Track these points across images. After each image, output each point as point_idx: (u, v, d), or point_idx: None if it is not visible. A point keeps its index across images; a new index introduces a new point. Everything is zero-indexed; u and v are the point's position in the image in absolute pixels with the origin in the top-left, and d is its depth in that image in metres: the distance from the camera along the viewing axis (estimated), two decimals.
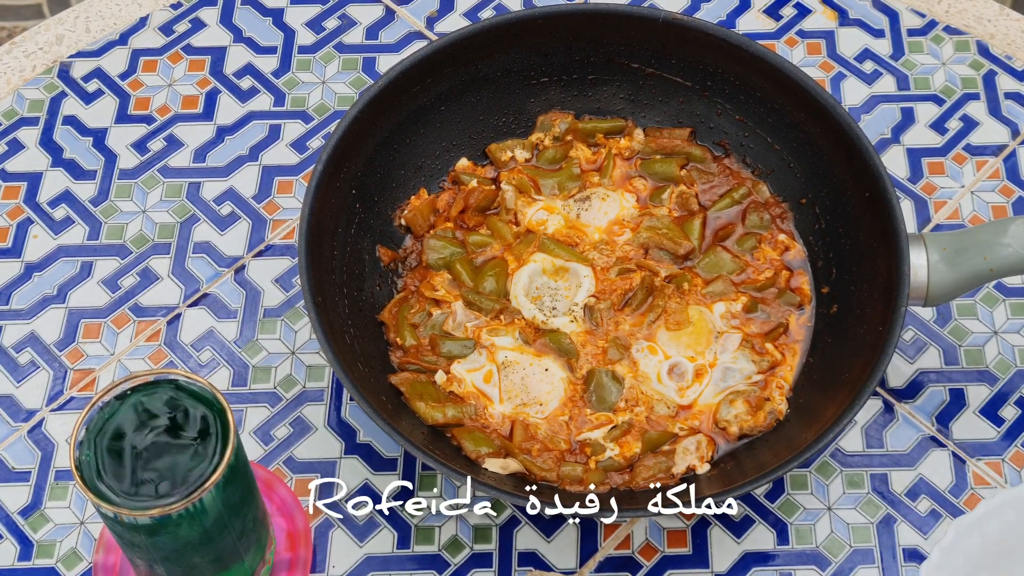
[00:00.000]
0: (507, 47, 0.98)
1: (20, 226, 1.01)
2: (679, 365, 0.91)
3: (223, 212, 1.02)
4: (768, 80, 0.95)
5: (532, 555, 0.87)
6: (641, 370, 0.91)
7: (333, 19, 1.13)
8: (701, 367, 0.91)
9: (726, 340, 0.92)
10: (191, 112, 1.07)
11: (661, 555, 0.88)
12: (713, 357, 0.91)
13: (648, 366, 0.91)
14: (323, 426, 0.92)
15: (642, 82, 1.00)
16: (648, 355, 0.91)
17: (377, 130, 0.95)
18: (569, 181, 0.99)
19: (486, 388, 0.90)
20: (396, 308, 0.93)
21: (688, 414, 0.90)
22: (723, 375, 0.91)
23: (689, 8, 1.13)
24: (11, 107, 1.07)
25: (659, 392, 0.90)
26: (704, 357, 0.91)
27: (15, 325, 0.97)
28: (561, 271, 0.94)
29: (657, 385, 0.90)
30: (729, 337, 0.92)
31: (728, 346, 0.92)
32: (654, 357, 0.91)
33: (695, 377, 0.91)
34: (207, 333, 0.96)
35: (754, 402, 0.90)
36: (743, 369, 0.91)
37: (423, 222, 0.97)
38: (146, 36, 1.12)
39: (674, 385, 0.90)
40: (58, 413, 0.93)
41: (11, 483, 0.90)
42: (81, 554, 0.88)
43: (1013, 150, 1.05)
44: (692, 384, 0.90)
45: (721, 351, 0.92)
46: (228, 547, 0.77)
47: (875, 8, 1.13)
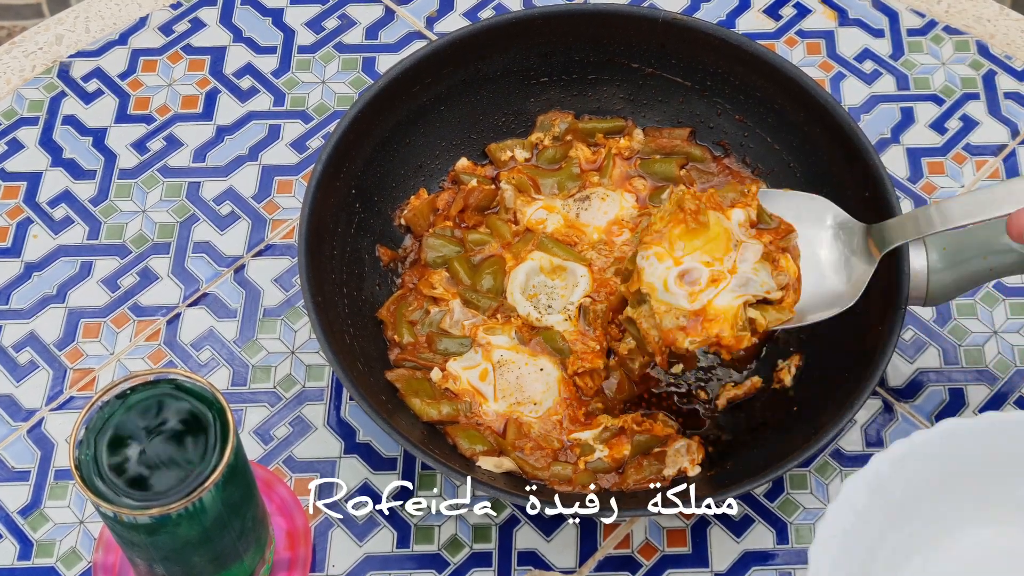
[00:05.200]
0: (507, 47, 0.98)
1: (20, 226, 1.01)
2: (692, 271, 0.82)
3: (223, 212, 1.02)
4: (768, 80, 0.95)
5: (532, 554, 0.87)
6: (645, 280, 0.82)
7: (333, 19, 1.13)
8: (719, 273, 0.82)
9: (746, 249, 0.83)
10: (191, 112, 1.07)
11: (661, 554, 0.88)
12: (732, 264, 0.82)
13: (653, 274, 0.82)
14: (323, 425, 0.92)
15: (642, 82, 1.00)
16: (655, 262, 0.82)
17: (377, 130, 0.95)
18: (569, 181, 0.99)
19: (481, 386, 0.90)
20: (394, 306, 0.93)
21: (701, 322, 0.81)
22: (743, 283, 0.82)
23: (689, 8, 1.13)
24: (11, 107, 1.07)
25: (665, 302, 0.82)
26: (722, 264, 0.82)
27: (15, 325, 0.97)
28: (559, 270, 0.94)
29: (663, 295, 0.82)
30: (749, 246, 0.83)
31: (748, 256, 0.83)
32: (661, 264, 0.82)
33: (709, 282, 0.82)
34: (207, 333, 0.96)
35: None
36: (764, 282, 0.83)
37: (423, 222, 0.97)
38: (146, 36, 1.12)
39: (684, 292, 0.81)
40: (58, 413, 0.93)
41: (11, 483, 0.90)
42: (81, 553, 0.88)
43: (1013, 150, 1.05)
44: (706, 287, 0.82)
45: (741, 260, 0.83)
46: (228, 546, 0.77)
47: (875, 8, 1.13)
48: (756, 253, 0.83)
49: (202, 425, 0.72)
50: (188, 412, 0.72)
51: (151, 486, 0.70)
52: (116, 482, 0.70)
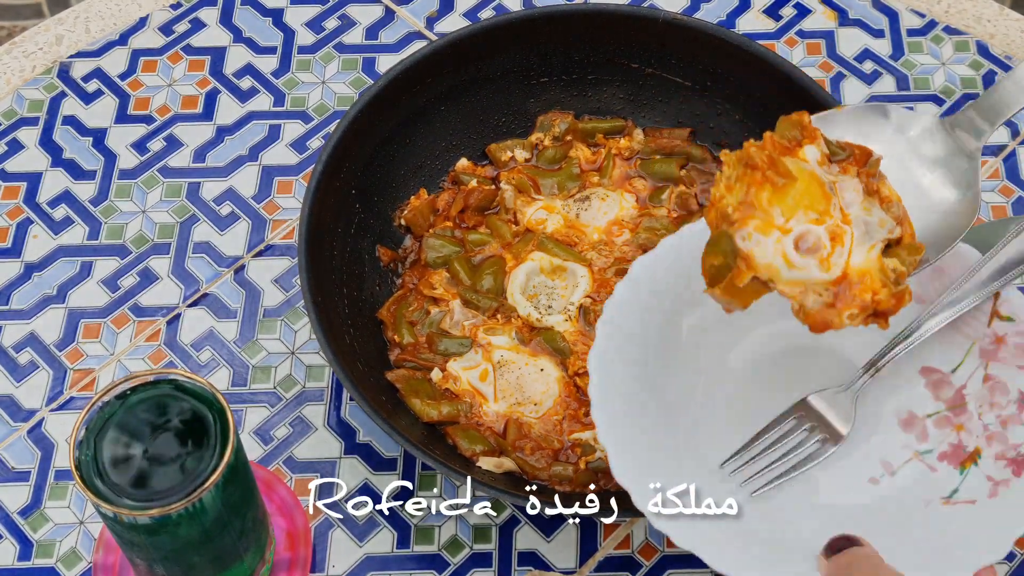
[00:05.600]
0: (507, 47, 0.98)
1: (20, 226, 1.01)
2: (806, 236, 0.68)
3: (223, 212, 1.02)
4: (768, 80, 0.95)
5: (532, 555, 0.87)
6: (760, 264, 0.68)
7: (333, 19, 1.13)
8: (835, 228, 0.68)
9: (843, 190, 0.70)
10: (191, 112, 1.07)
11: (661, 555, 0.88)
12: (841, 213, 0.69)
13: (766, 253, 0.68)
14: (323, 426, 0.92)
15: (642, 82, 1.00)
16: (761, 239, 0.67)
17: (377, 130, 0.95)
18: (569, 181, 0.99)
19: (481, 386, 0.90)
20: (395, 306, 0.93)
21: (850, 291, 0.68)
22: (865, 230, 0.70)
23: (689, 8, 1.13)
24: (11, 107, 1.07)
25: (797, 281, 0.68)
26: (831, 216, 0.68)
27: (15, 325, 0.97)
28: (559, 270, 0.94)
29: (790, 273, 0.68)
30: (846, 184, 0.70)
31: (850, 197, 0.70)
32: (768, 238, 0.67)
33: (833, 241, 0.68)
34: (207, 333, 0.96)
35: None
36: (882, 221, 0.70)
37: (423, 222, 0.97)
38: (146, 36, 1.12)
39: (813, 261, 0.68)
40: (58, 413, 0.93)
41: (11, 483, 0.90)
42: (81, 554, 0.88)
43: (1013, 150, 1.05)
44: (833, 250, 0.68)
45: (848, 205, 0.70)
46: (228, 547, 0.77)
47: (875, 8, 1.13)
48: (858, 190, 0.70)
49: (202, 425, 0.72)
50: (188, 412, 0.72)
51: (151, 486, 0.70)
52: (116, 482, 0.70)
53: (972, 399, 0.80)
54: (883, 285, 0.69)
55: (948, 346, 0.81)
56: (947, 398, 0.81)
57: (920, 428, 0.80)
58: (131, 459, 0.71)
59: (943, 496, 0.77)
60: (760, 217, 0.67)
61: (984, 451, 0.78)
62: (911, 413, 0.81)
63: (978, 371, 0.80)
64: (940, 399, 0.81)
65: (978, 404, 0.79)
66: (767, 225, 0.67)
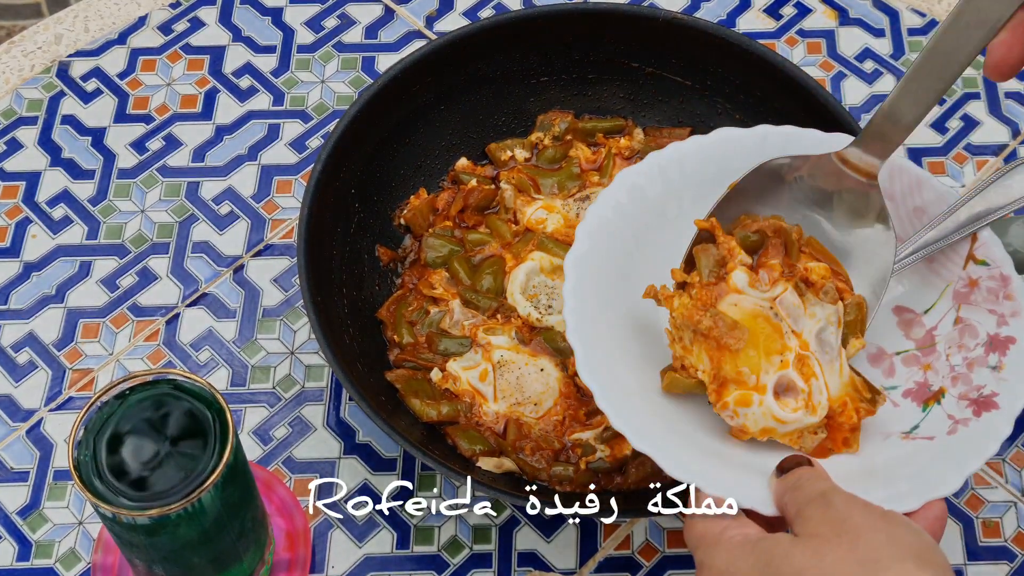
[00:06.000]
0: (507, 47, 0.98)
1: (19, 226, 1.01)
2: (780, 383, 0.73)
3: (222, 212, 1.02)
4: (768, 80, 0.95)
5: (532, 555, 0.87)
6: (754, 431, 0.74)
7: (332, 18, 1.13)
8: (800, 361, 0.74)
9: (782, 307, 0.74)
10: (190, 111, 1.07)
11: (661, 555, 0.87)
12: (795, 337, 0.73)
13: (757, 420, 0.74)
14: (322, 426, 0.92)
15: (642, 82, 1.00)
16: (745, 411, 0.74)
17: (377, 130, 0.95)
18: (569, 180, 0.99)
19: (481, 386, 0.90)
20: (394, 306, 0.93)
21: (836, 421, 0.75)
22: (820, 345, 0.74)
23: (689, 8, 1.13)
24: (10, 106, 1.07)
25: (793, 433, 0.75)
26: (788, 352, 0.73)
27: (13, 325, 0.97)
28: (559, 270, 0.94)
29: (785, 428, 0.74)
30: (781, 299, 0.74)
31: (789, 307, 0.73)
32: (753, 406, 0.73)
33: (805, 379, 0.74)
34: (206, 333, 0.96)
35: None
36: (828, 316, 0.75)
37: (422, 222, 0.97)
38: (145, 35, 1.11)
39: (798, 407, 0.73)
40: (56, 413, 0.93)
41: (10, 483, 0.90)
42: (80, 554, 0.87)
43: (1014, 150, 1.05)
44: (808, 388, 0.74)
45: (794, 321, 0.74)
46: (227, 547, 0.76)
47: (875, 7, 1.13)
48: (794, 297, 0.74)
49: (201, 425, 0.72)
50: (187, 412, 0.72)
51: (150, 487, 0.70)
52: (115, 483, 0.70)
53: (942, 340, 0.80)
54: (861, 400, 0.75)
55: (922, 287, 0.82)
56: (917, 337, 0.81)
57: (887, 364, 0.81)
58: (130, 459, 0.71)
59: (903, 431, 0.77)
60: (736, 388, 0.73)
61: (948, 391, 0.78)
62: (880, 349, 0.81)
63: (950, 313, 0.81)
64: (910, 338, 0.81)
65: (947, 345, 0.80)
66: (746, 396, 0.73)
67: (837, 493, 0.67)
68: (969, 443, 0.75)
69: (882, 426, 0.78)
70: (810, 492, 0.68)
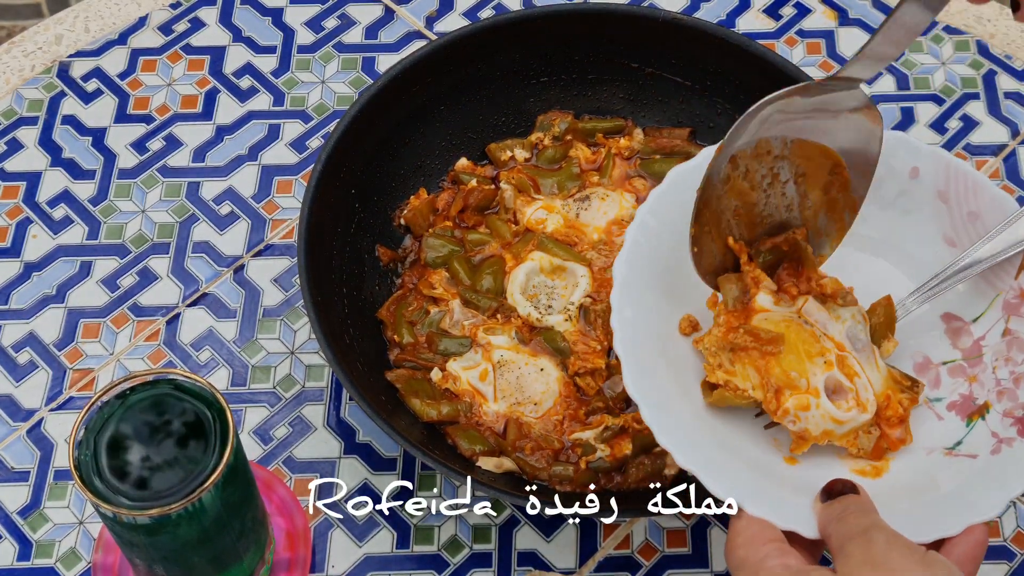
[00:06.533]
0: (507, 47, 0.98)
1: (19, 226, 1.01)
2: (828, 383, 0.75)
3: (222, 212, 1.02)
4: (768, 80, 0.94)
5: (532, 555, 0.87)
6: (814, 434, 0.75)
7: (332, 19, 1.13)
8: (840, 359, 0.75)
9: (809, 315, 0.76)
10: (190, 112, 1.07)
11: (661, 555, 0.87)
12: (832, 343, 0.75)
13: (816, 421, 0.75)
14: (322, 426, 0.92)
15: (642, 82, 1.00)
16: (804, 414, 0.74)
17: (377, 130, 0.95)
18: (568, 181, 0.99)
19: (481, 386, 0.90)
20: (394, 306, 0.93)
21: (885, 415, 0.76)
22: (853, 344, 0.76)
23: (689, 8, 1.13)
24: (10, 107, 1.07)
25: (850, 434, 0.75)
26: (827, 353, 0.75)
27: (14, 325, 0.97)
28: (559, 270, 0.94)
29: (843, 428, 0.75)
30: (805, 309, 0.76)
31: (816, 315, 0.75)
32: (811, 410, 0.74)
33: (849, 378, 0.75)
34: (206, 333, 0.96)
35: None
36: (853, 314, 0.77)
37: (422, 222, 0.97)
38: (145, 36, 1.11)
39: (852, 407, 0.75)
40: (57, 413, 0.93)
41: (10, 483, 0.90)
42: (80, 554, 0.87)
43: (1013, 150, 1.05)
44: (855, 386, 0.75)
45: (823, 326, 0.76)
46: (227, 547, 0.76)
47: (875, 8, 1.13)
48: (816, 307, 0.76)
49: (202, 425, 0.72)
50: (188, 412, 0.72)
51: (151, 486, 0.70)
52: (115, 482, 0.70)
53: (989, 351, 0.79)
54: (901, 391, 0.76)
55: (973, 295, 0.80)
56: (964, 347, 0.80)
57: (934, 375, 0.80)
58: (131, 459, 0.71)
59: (946, 447, 0.76)
60: (790, 392, 0.73)
61: (993, 406, 0.77)
62: (927, 358, 0.80)
63: (999, 324, 0.79)
64: (957, 347, 0.80)
65: (994, 357, 0.78)
66: (803, 401, 0.73)
67: (880, 531, 0.66)
68: (1013, 465, 0.74)
69: (926, 440, 0.77)
70: (853, 527, 0.67)
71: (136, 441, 0.71)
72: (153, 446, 0.71)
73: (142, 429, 0.72)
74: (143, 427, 0.72)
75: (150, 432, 0.72)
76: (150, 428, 0.72)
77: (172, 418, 0.72)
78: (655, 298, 0.78)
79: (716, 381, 0.75)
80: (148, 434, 0.72)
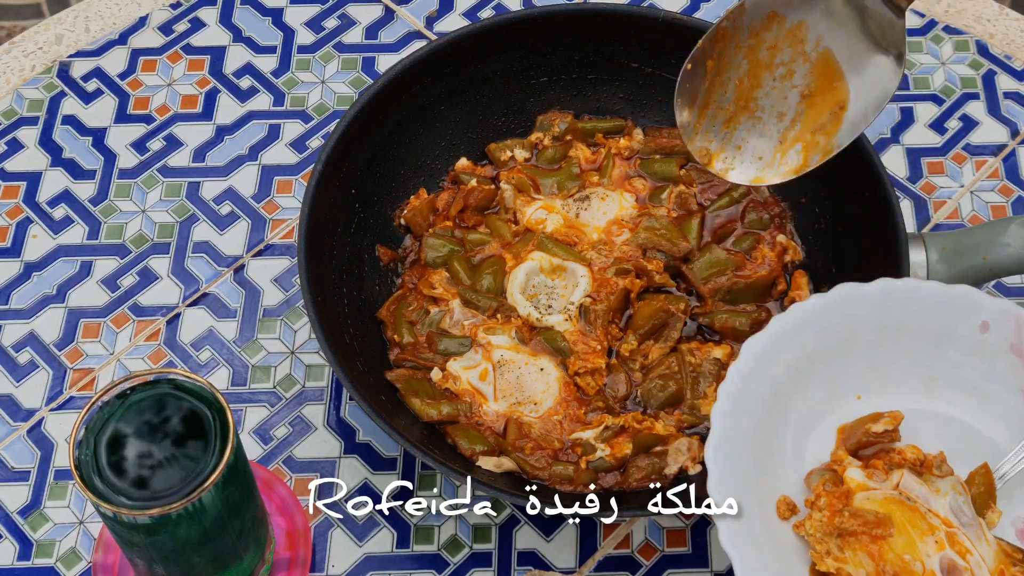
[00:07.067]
0: (507, 47, 0.98)
1: (19, 226, 1.01)
2: (941, 565, 0.71)
3: (222, 212, 1.02)
4: None
5: (531, 554, 0.87)
6: None
7: (332, 19, 1.13)
8: (950, 538, 0.72)
9: (907, 489, 0.74)
10: (190, 112, 1.07)
11: (661, 555, 0.88)
12: (938, 519, 0.73)
13: None
14: (322, 425, 0.92)
15: (642, 82, 1.00)
16: None
17: (377, 130, 0.95)
18: (568, 181, 0.99)
19: (481, 386, 0.90)
20: (394, 305, 0.93)
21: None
22: (958, 518, 0.74)
23: (689, 8, 1.13)
24: (10, 107, 1.07)
25: None
26: (937, 531, 0.73)
27: (14, 325, 0.97)
28: (559, 270, 0.94)
29: None
30: (904, 484, 0.74)
31: (919, 491, 0.74)
32: None
33: (962, 556, 0.72)
34: (206, 333, 0.96)
35: None
36: (952, 485, 0.75)
37: (423, 221, 0.97)
38: (145, 36, 1.12)
39: None
40: (57, 413, 0.93)
41: (10, 483, 0.90)
42: (80, 553, 0.88)
43: (1012, 150, 1.05)
44: (969, 564, 0.72)
45: (924, 499, 0.74)
46: (227, 546, 0.77)
47: None
48: (914, 480, 0.74)
49: (202, 425, 0.72)
50: (188, 412, 0.72)
51: (151, 486, 0.70)
52: (116, 482, 0.70)
53: None
54: (1013, 564, 0.72)
55: None
56: None
57: None
58: (131, 459, 0.71)
59: None
60: (903, 566, 0.70)
61: None
62: None
63: None
64: None
65: None
66: (914, 572, 0.69)
67: None
68: None
69: None
70: None
71: (136, 441, 0.71)
72: (153, 446, 0.71)
73: (142, 429, 0.72)
74: (143, 427, 0.72)
75: (150, 432, 0.72)
76: (150, 428, 0.72)
77: (172, 418, 0.72)
78: (751, 483, 0.75)
79: (827, 569, 0.71)
80: (148, 434, 0.72)
